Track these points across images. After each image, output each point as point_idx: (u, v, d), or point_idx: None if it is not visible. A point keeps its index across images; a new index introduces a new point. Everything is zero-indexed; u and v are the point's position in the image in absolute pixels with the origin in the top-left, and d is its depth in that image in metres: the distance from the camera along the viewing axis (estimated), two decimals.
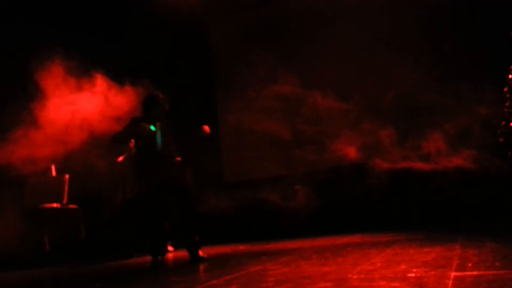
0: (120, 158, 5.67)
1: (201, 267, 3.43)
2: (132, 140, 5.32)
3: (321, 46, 6.59)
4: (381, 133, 5.78)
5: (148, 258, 3.99)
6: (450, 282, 1.82)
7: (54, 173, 5.86)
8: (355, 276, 2.19)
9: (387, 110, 5.90)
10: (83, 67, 5.23)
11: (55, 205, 5.64)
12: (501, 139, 4.08)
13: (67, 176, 5.78)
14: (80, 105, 5.17)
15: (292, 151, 6.51)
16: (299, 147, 6.40)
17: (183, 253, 4.69)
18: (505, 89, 4.07)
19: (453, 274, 1.99)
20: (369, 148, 5.80)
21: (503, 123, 4.05)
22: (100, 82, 5.24)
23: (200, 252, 3.87)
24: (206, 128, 4.04)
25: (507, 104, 4.03)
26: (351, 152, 5.86)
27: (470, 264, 2.21)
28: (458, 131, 5.23)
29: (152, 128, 3.92)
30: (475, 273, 1.98)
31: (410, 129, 5.67)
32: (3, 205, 5.17)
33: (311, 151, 6.29)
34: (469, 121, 5.17)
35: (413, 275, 2.06)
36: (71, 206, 5.81)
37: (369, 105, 6.00)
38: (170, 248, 5.46)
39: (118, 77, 5.33)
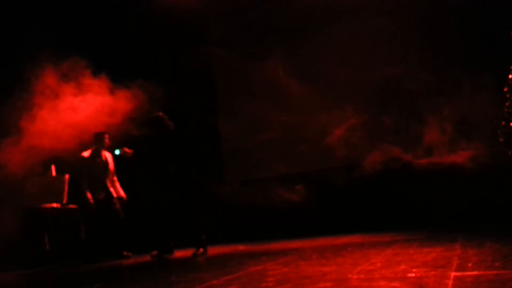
0: (87, 153, 5.36)
1: (201, 267, 3.43)
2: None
3: (322, 42, 6.58)
4: (380, 132, 5.78)
5: (147, 258, 3.99)
6: (450, 282, 1.82)
7: (54, 173, 5.86)
8: (355, 276, 2.19)
9: (388, 109, 5.91)
10: (80, 69, 5.23)
11: (55, 205, 5.63)
12: (501, 139, 4.07)
13: (67, 176, 5.78)
14: (77, 107, 5.17)
15: (292, 150, 6.50)
16: (298, 147, 6.39)
17: (182, 253, 4.70)
18: (505, 89, 4.07)
19: (453, 274, 1.99)
20: (369, 145, 5.80)
21: (503, 123, 4.05)
22: (98, 84, 5.25)
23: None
24: (127, 150, 5.06)
25: (507, 104, 4.02)
26: (351, 149, 5.86)
27: (470, 264, 2.21)
28: (457, 129, 5.23)
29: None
30: (475, 273, 1.98)
31: (409, 125, 5.68)
32: (3, 205, 5.17)
33: (310, 150, 6.29)
34: (469, 120, 5.17)
35: (413, 275, 2.06)
36: (71, 206, 5.81)
37: (371, 104, 6.01)
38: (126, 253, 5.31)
39: (115, 78, 5.33)
